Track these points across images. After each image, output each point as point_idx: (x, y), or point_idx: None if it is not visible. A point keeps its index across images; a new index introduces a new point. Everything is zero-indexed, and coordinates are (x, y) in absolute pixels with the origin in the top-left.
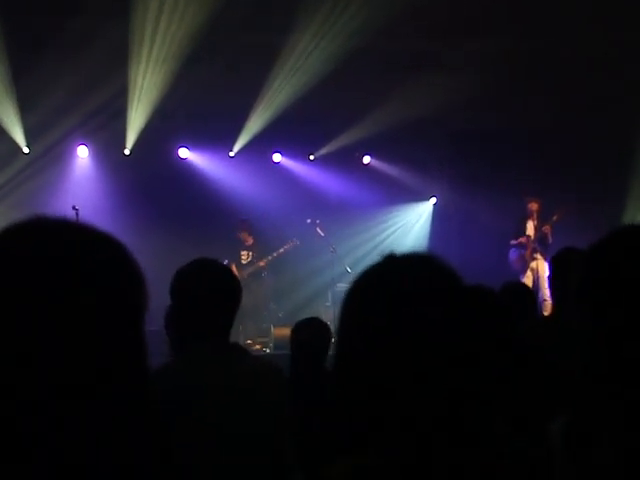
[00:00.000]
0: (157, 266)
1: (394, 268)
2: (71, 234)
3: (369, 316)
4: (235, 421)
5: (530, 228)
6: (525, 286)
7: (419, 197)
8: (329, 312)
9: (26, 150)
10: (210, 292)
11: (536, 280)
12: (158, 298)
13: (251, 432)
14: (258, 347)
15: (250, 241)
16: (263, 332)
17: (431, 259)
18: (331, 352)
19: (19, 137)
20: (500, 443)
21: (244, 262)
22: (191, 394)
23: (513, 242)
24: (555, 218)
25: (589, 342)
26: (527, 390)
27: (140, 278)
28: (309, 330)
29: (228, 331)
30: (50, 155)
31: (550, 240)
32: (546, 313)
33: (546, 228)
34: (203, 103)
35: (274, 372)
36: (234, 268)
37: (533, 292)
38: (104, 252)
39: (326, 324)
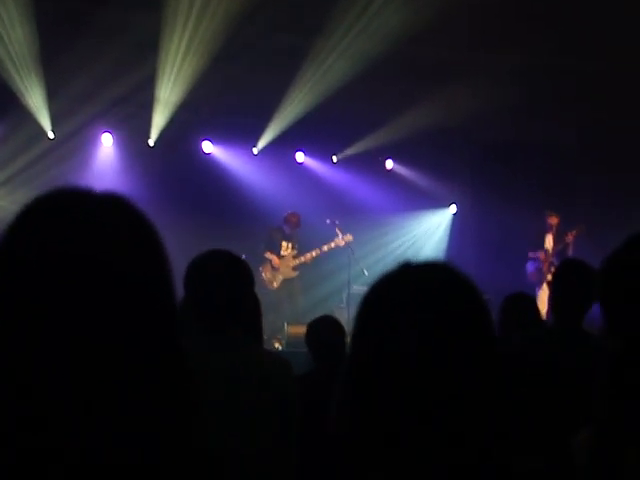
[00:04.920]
0: (175, 258)
1: (409, 277)
2: (92, 207)
3: (380, 325)
4: (236, 409)
5: (548, 242)
6: (528, 297)
7: (440, 204)
8: (343, 313)
9: (51, 135)
10: (220, 282)
11: None
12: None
13: (252, 420)
14: (277, 345)
15: (293, 232)
16: (277, 329)
17: (448, 269)
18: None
19: (45, 122)
20: (516, 464)
21: (283, 253)
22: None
23: (531, 254)
24: (574, 233)
25: (611, 353)
26: (541, 404)
27: (160, 246)
28: (327, 327)
29: (237, 320)
30: (74, 141)
31: (570, 254)
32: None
33: (567, 239)
34: (229, 99)
35: (282, 364)
36: (274, 258)
37: (535, 301)
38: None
39: (339, 322)
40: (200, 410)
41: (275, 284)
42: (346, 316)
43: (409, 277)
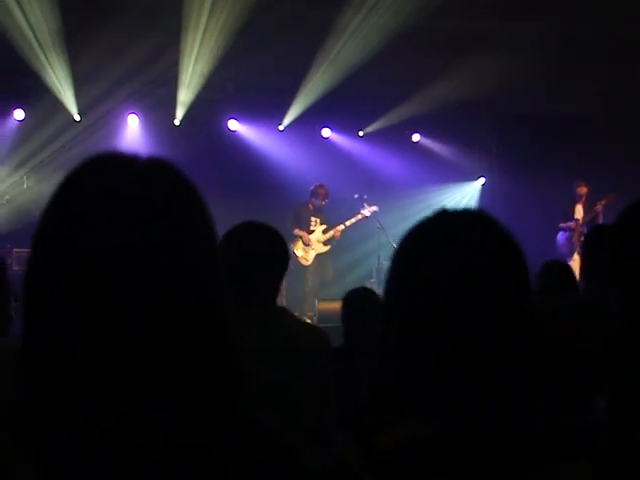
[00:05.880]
0: None
1: (448, 223)
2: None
3: (416, 268)
4: (276, 382)
5: (579, 212)
6: (565, 264)
7: (467, 177)
8: (374, 289)
9: (77, 118)
10: (255, 254)
11: None
12: None
13: (290, 392)
14: (309, 321)
15: (322, 205)
16: (309, 305)
17: (483, 214)
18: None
19: (71, 105)
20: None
21: (312, 229)
22: None
23: (562, 225)
24: (604, 203)
25: (624, 321)
26: (564, 373)
27: (208, 212)
28: (364, 299)
29: (274, 294)
30: (100, 124)
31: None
32: None
33: (597, 208)
34: (254, 76)
35: (320, 335)
36: (305, 234)
37: (572, 269)
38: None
39: (375, 293)
40: (247, 386)
41: (309, 260)
42: (378, 291)
43: (446, 221)
